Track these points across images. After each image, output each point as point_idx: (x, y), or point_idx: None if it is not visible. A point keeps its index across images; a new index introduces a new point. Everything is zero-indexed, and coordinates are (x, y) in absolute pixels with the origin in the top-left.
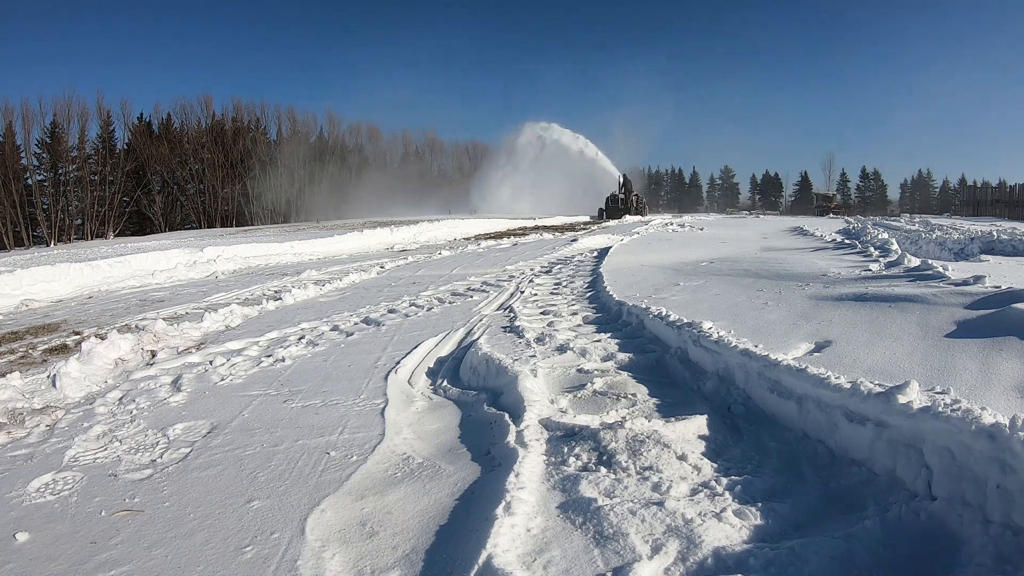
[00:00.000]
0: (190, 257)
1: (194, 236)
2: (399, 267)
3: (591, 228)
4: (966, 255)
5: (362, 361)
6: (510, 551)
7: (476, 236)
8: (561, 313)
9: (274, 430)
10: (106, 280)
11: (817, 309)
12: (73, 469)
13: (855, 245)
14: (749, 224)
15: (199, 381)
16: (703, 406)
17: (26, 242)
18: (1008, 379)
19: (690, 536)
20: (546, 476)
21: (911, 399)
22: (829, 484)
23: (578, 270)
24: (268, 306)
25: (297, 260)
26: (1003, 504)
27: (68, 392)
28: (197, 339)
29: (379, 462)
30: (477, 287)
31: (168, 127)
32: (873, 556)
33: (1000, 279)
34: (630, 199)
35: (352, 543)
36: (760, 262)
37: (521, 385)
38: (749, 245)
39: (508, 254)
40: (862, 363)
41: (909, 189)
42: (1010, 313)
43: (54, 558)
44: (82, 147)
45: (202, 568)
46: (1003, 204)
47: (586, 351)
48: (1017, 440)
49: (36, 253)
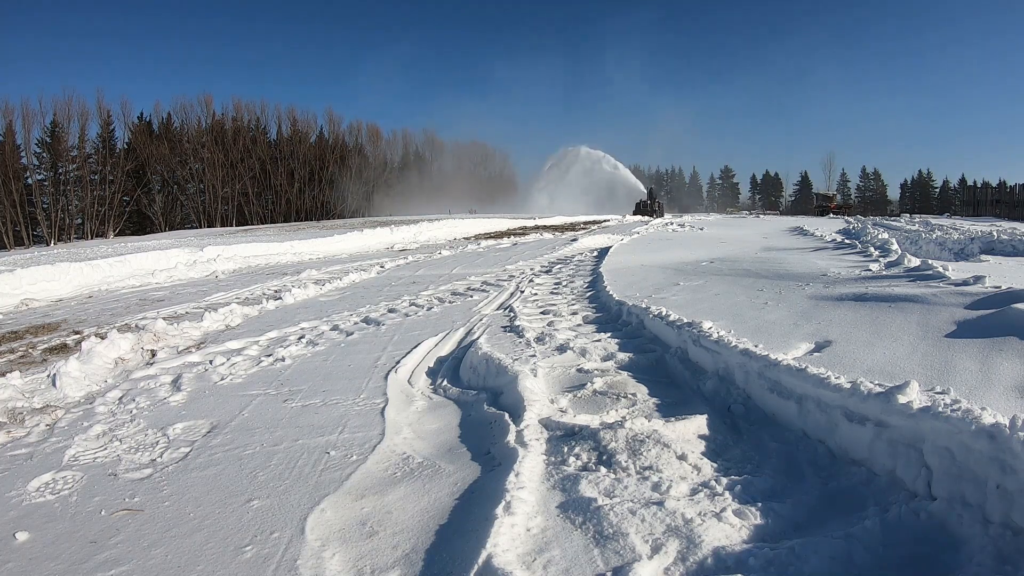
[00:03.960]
0: (190, 256)
1: (194, 235)
2: (399, 267)
3: (591, 228)
4: (966, 255)
5: (362, 361)
6: (510, 551)
7: (476, 236)
8: (561, 313)
9: (274, 430)
10: (106, 279)
11: (817, 309)
12: (73, 468)
13: (855, 245)
14: (749, 224)
15: (199, 380)
16: (703, 406)
17: (26, 241)
18: (1008, 379)
19: (690, 536)
20: (546, 476)
21: (911, 399)
22: (829, 484)
23: (578, 270)
24: (268, 305)
25: (297, 260)
26: (1003, 504)
27: (68, 391)
28: (197, 339)
29: (379, 462)
30: (477, 287)
31: (168, 127)
32: (873, 556)
33: (1000, 279)
34: (653, 204)
35: (352, 543)
36: (760, 262)
37: (521, 385)
38: (749, 245)
39: (508, 254)
40: (862, 363)
41: (909, 189)
42: (1010, 313)
43: (54, 557)
44: (82, 146)
45: (202, 568)
46: (1003, 204)
47: (586, 351)
48: (1017, 440)
49: (36, 252)
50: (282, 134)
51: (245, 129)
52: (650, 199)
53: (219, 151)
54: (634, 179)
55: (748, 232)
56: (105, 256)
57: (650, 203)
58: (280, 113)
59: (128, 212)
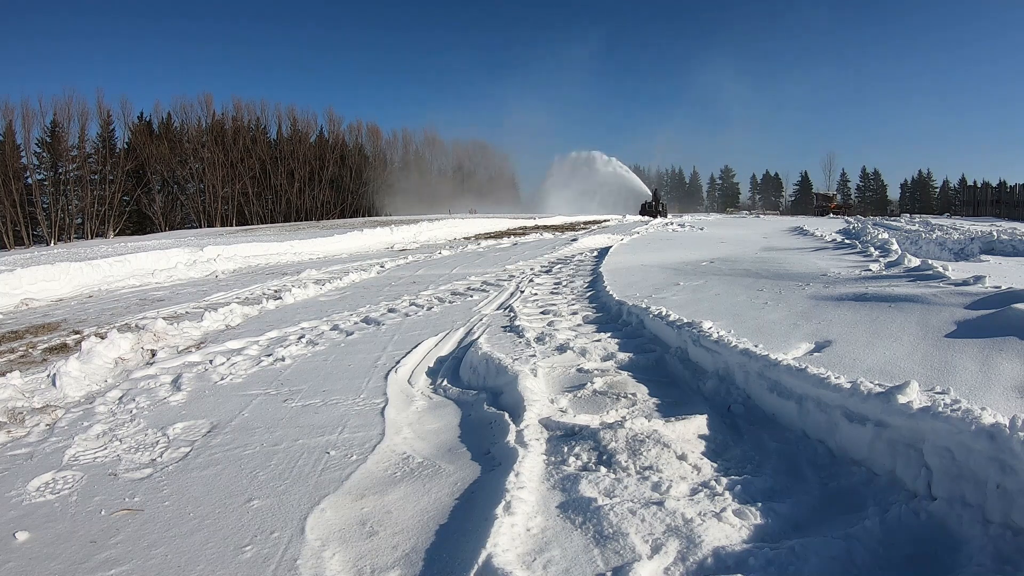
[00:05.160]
0: (190, 256)
1: (194, 235)
2: (399, 266)
3: (591, 228)
4: (966, 255)
5: (362, 360)
6: (510, 551)
7: (476, 236)
8: (561, 313)
9: (274, 429)
10: (106, 279)
11: (817, 309)
12: (73, 468)
13: (855, 245)
14: (749, 224)
15: (199, 380)
16: (703, 406)
17: (26, 241)
18: (1008, 379)
19: (690, 536)
20: (546, 476)
21: (911, 399)
22: (829, 484)
23: (578, 270)
24: (268, 305)
25: (297, 259)
26: (1003, 504)
27: (68, 391)
28: (197, 338)
29: (379, 461)
30: (477, 287)
31: (168, 126)
32: (873, 556)
33: (1000, 279)
34: (658, 205)
35: (352, 543)
36: (760, 262)
37: (521, 385)
38: (749, 245)
39: (508, 254)
40: (862, 363)
41: (909, 189)
42: (1010, 313)
43: (54, 557)
44: (82, 146)
45: (202, 567)
46: (1003, 204)
47: (586, 351)
48: (1017, 440)
49: (36, 252)
50: (282, 134)
51: (245, 129)
52: (655, 200)
53: (219, 151)
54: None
55: (748, 232)
56: (105, 256)
57: (655, 204)
58: (280, 113)
59: (128, 212)
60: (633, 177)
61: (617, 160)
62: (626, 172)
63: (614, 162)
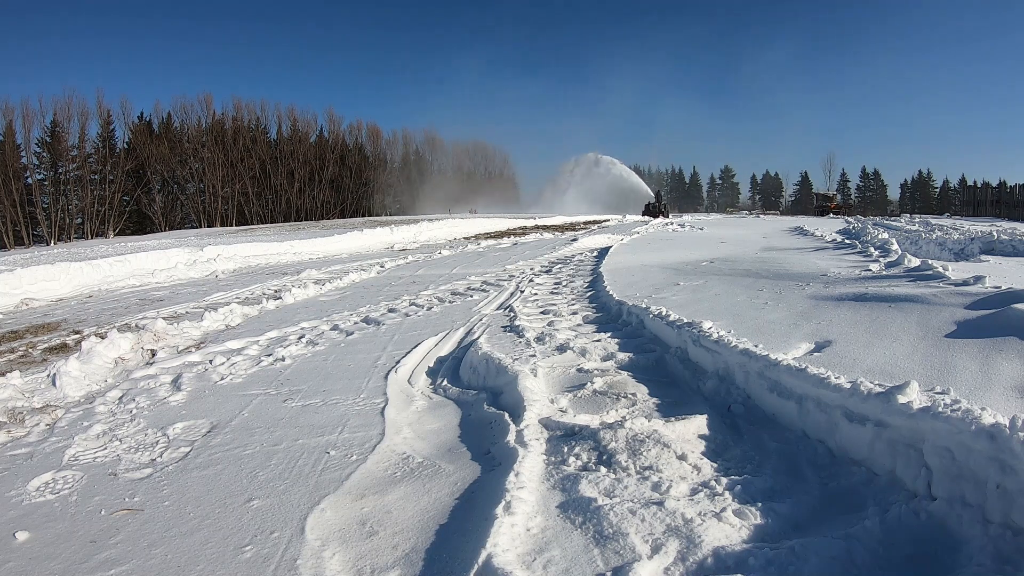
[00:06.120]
0: (190, 256)
1: (194, 235)
2: (399, 266)
3: (591, 228)
4: (966, 255)
5: (362, 360)
6: (510, 550)
7: (476, 236)
8: (561, 312)
9: (274, 429)
10: (106, 279)
11: (817, 309)
12: (73, 468)
13: (855, 245)
14: (749, 224)
15: (199, 380)
16: (703, 406)
17: (26, 241)
18: (1008, 379)
19: (690, 536)
20: (546, 476)
21: (911, 399)
22: (829, 484)
23: (578, 270)
24: (268, 305)
25: (297, 259)
26: (1003, 504)
27: (68, 391)
28: (197, 338)
29: (379, 461)
30: (477, 286)
31: (168, 126)
32: (873, 556)
33: (1000, 279)
34: (660, 206)
35: (352, 542)
36: (760, 262)
37: (521, 384)
38: (749, 245)
39: (508, 254)
40: (862, 363)
41: (909, 189)
42: (1010, 313)
43: (54, 557)
44: (82, 146)
45: (202, 567)
46: (1003, 204)
47: (586, 351)
48: (1017, 440)
49: (36, 252)
50: (282, 134)
51: (245, 129)
52: (658, 201)
53: (219, 151)
54: (642, 183)
55: (748, 232)
56: (105, 256)
57: (658, 205)
58: (280, 113)
59: (128, 212)
60: (636, 178)
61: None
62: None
63: (619, 164)
